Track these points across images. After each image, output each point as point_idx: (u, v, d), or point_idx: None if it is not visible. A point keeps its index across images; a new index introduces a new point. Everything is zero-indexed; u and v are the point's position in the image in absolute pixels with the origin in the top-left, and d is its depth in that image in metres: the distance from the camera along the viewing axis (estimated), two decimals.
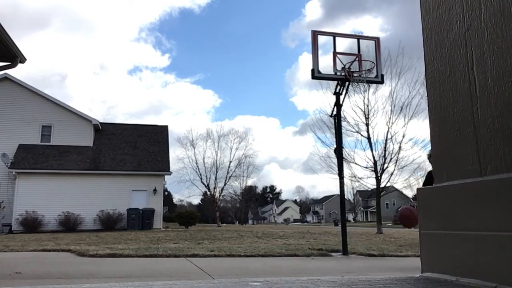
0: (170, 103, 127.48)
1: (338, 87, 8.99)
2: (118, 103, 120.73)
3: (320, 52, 8.79)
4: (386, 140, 19.73)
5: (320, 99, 42.14)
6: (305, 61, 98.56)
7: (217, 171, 38.55)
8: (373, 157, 19.85)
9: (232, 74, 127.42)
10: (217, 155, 38.77)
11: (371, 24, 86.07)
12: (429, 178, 5.76)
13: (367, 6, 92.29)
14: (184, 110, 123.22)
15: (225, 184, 39.71)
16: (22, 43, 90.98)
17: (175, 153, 68.66)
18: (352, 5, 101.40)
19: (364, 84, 12.94)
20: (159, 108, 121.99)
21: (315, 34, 8.81)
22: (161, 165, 23.82)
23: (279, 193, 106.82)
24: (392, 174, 20.16)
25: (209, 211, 56.84)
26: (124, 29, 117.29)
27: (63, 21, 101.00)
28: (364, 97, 19.71)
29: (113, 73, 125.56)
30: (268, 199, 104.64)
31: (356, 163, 20.54)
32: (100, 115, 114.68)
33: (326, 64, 9.11)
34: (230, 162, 39.61)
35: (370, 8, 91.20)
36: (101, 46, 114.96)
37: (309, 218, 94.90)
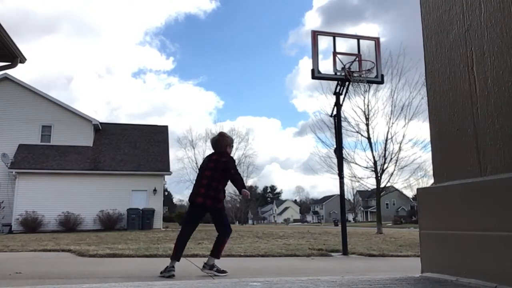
0: (173, 105, 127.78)
1: (338, 87, 9.00)
2: (121, 105, 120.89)
3: (320, 57, 8.82)
4: (386, 141, 19.74)
5: (320, 101, 42.17)
6: (305, 65, 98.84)
7: None
8: (373, 157, 19.85)
9: (234, 77, 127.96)
10: None
11: (369, 31, 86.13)
12: None
13: (365, 15, 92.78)
14: (187, 111, 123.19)
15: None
16: (30, 47, 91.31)
17: (176, 154, 68.72)
18: (350, 13, 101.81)
19: (365, 84, 12.96)
20: (162, 110, 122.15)
21: (315, 34, 8.82)
22: (161, 165, 23.81)
23: (279, 193, 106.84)
24: (392, 174, 20.18)
25: None
26: (130, 33, 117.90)
27: (71, 26, 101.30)
28: (364, 98, 19.72)
29: (117, 76, 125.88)
30: (268, 199, 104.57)
31: (356, 163, 20.55)
32: (104, 116, 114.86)
33: (326, 68, 9.18)
34: None
35: (367, 17, 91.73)
36: (107, 49, 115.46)
37: (309, 218, 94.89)
